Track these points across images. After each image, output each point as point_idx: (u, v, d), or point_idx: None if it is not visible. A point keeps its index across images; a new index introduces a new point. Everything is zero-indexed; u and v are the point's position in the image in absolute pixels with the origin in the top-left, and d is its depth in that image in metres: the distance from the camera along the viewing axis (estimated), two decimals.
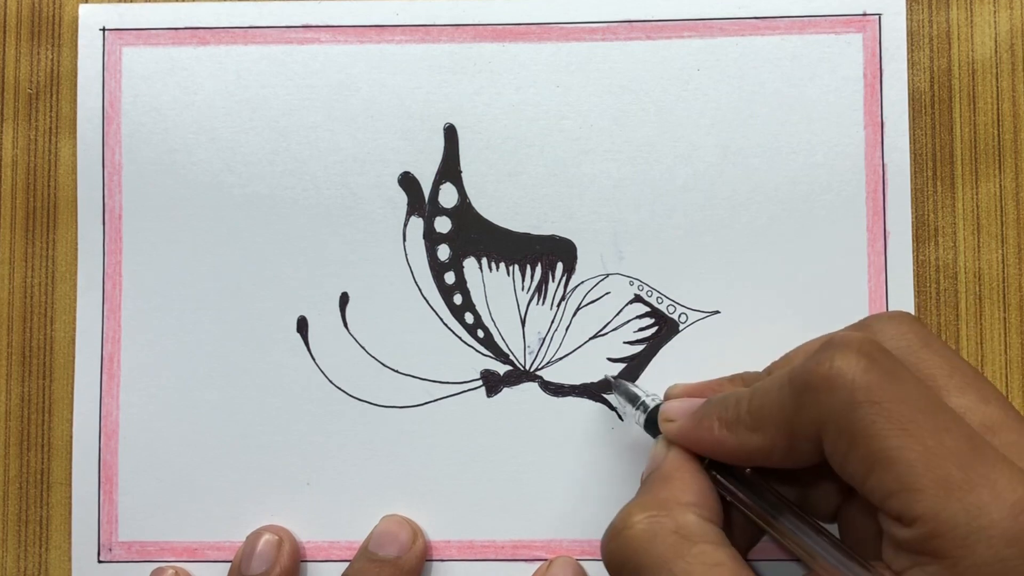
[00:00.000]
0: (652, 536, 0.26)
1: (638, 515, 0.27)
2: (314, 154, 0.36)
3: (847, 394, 0.24)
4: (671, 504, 0.27)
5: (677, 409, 0.30)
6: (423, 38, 0.36)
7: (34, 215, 0.37)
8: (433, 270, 0.36)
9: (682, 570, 0.25)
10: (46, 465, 0.36)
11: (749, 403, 0.27)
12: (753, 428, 0.27)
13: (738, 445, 0.27)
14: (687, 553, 0.25)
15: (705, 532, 0.26)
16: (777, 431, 0.26)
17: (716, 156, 0.35)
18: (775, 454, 0.26)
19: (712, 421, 0.28)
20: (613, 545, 0.27)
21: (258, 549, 0.34)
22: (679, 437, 0.29)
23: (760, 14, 0.36)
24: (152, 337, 0.36)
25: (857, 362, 0.24)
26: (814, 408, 0.24)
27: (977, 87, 0.35)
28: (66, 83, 0.37)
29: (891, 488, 0.23)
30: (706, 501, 0.27)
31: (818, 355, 0.25)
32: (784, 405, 0.26)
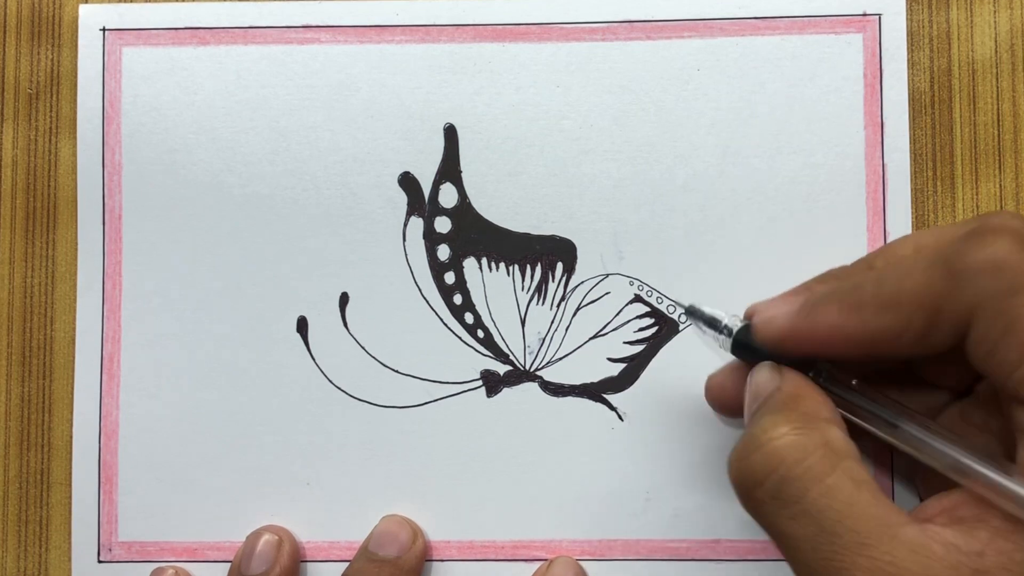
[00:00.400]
0: (802, 448, 0.25)
1: (784, 427, 0.25)
2: (314, 154, 0.36)
3: (1010, 278, 0.23)
4: (815, 418, 0.26)
5: (775, 304, 0.28)
6: (423, 38, 0.36)
7: (34, 215, 0.37)
8: (433, 270, 0.36)
9: (834, 483, 0.24)
10: (46, 465, 0.36)
11: (878, 284, 0.26)
12: (884, 307, 0.25)
13: (862, 327, 0.26)
14: (838, 467, 0.24)
15: (850, 449, 0.25)
16: (917, 311, 0.25)
17: (716, 156, 0.35)
18: (905, 337, 0.25)
19: (830, 305, 0.26)
20: (755, 459, 0.25)
21: (258, 549, 0.34)
22: (791, 331, 0.27)
23: (760, 14, 0.36)
24: (152, 337, 0.36)
25: (1020, 246, 0.23)
26: (970, 291, 0.24)
27: (977, 87, 0.35)
28: (66, 83, 0.37)
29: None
30: (840, 420, 0.27)
31: (975, 238, 0.24)
32: (932, 285, 0.24)
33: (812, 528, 0.24)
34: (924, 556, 0.23)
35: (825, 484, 0.24)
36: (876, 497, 0.24)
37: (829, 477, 0.24)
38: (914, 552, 0.23)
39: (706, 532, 0.35)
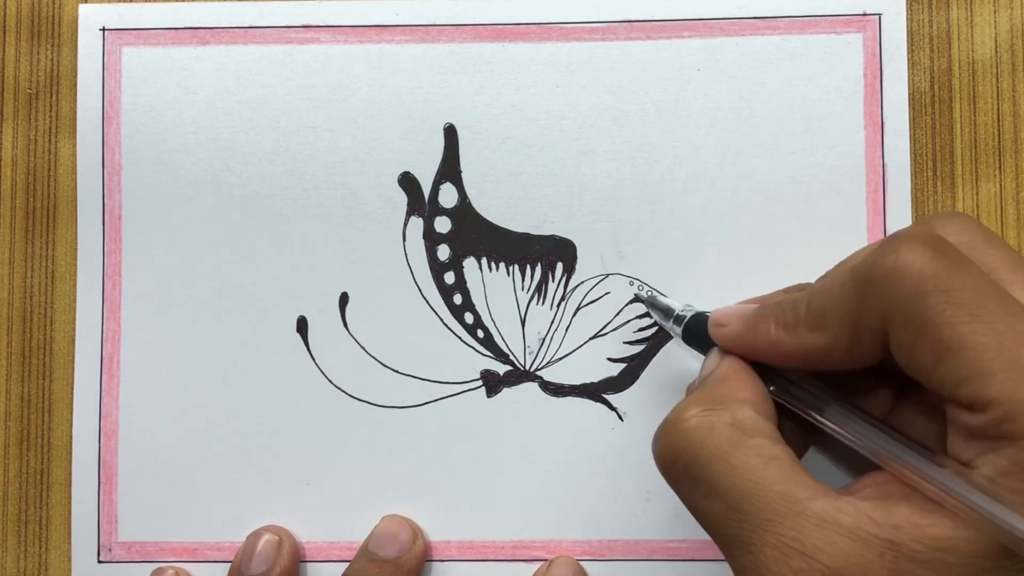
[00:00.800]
0: (709, 428, 0.26)
1: (694, 408, 0.27)
2: (314, 154, 0.36)
3: (914, 283, 0.24)
4: (727, 399, 0.27)
5: (729, 314, 0.29)
6: (423, 38, 0.36)
7: (34, 215, 0.37)
8: (433, 270, 0.36)
9: (739, 461, 0.25)
10: (46, 465, 0.36)
11: (809, 303, 0.27)
12: (814, 327, 0.26)
13: (796, 345, 0.27)
14: (744, 445, 0.25)
15: (761, 427, 0.26)
16: (840, 327, 0.26)
17: (716, 156, 0.35)
18: (836, 352, 0.26)
19: (768, 323, 0.28)
20: (668, 439, 0.27)
21: (258, 549, 0.34)
22: (733, 342, 0.29)
23: (760, 14, 0.36)
24: (152, 337, 0.36)
25: (923, 252, 0.24)
26: (880, 300, 0.24)
27: (977, 87, 0.35)
28: (66, 83, 0.37)
29: (962, 374, 0.23)
30: (762, 402, 0.27)
31: (882, 248, 0.25)
32: (848, 300, 0.25)
33: (721, 505, 0.25)
34: (830, 530, 0.23)
35: (729, 463, 0.25)
36: (785, 473, 0.25)
37: (734, 455, 0.25)
38: (819, 526, 0.23)
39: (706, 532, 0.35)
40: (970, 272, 0.24)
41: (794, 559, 0.23)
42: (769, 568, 0.23)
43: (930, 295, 0.23)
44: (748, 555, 0.24)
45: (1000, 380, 0.22)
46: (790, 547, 0.23)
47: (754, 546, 0.24)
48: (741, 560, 0.24)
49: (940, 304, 0.23)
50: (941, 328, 0.23)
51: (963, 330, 0.23)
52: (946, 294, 0.23)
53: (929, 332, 0.23)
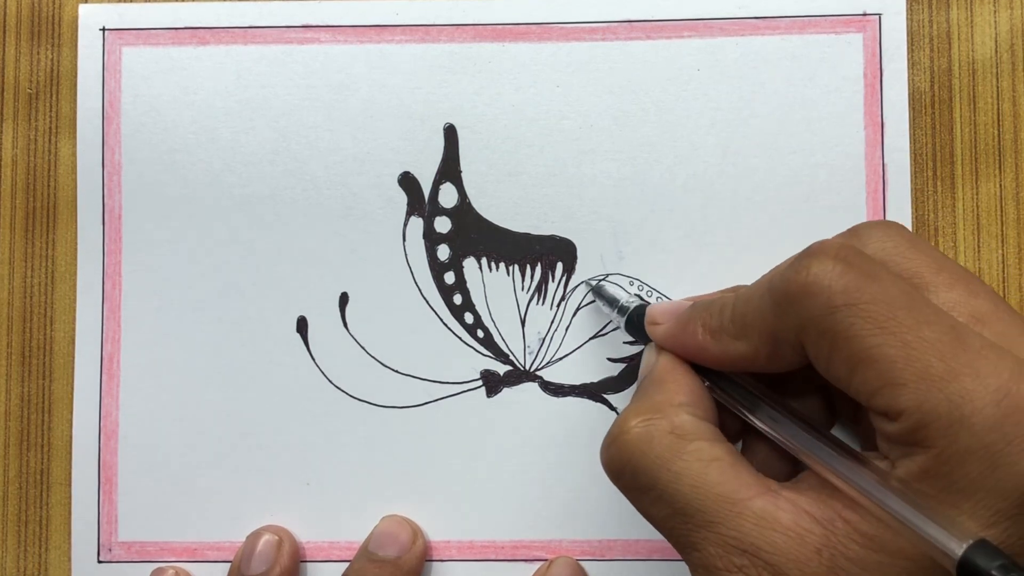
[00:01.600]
0: (648, 438, 0.27)
1: (633, 420, 0.27)
2: (314, 154, 0.36)
3: (824, 299, 0.24)
4: (664, 406, 0.27)
5: (664, 312, 0.30)
6: (423, 38, 0.36)
7: (34, 215, 0.37)
8: (433, 270, 0.36)
9: (680, 468, 0.26)
10: (46, 465, 0.36)
11: (732, 311, 0.27)
12: (736, 336, 0.27)
13: (722, 352, 0.28)
14: (684, 451, 0.26)
15: (700, 430, 0.27)
16: (760, 338, 0.26)
17: (716, 156, 0.35)
18: (759, 360, 0.27)
19: (696, 326, 0.28)
20: (612, 451, 0.27)
21: (258, 549, 0.34)
22: (665, 341, 0.30)
23: (760, 14, 0.36)
24: (152, 337, 0.36)
25: (833, 267, 0.24)
26: (794, 315, 0.25)
27: (977, 87, 0.35)
28: (66, 83, 0.37)
29: (874, 386, 0.23)
30: (699, 401, 0.28)
31: (795, 263, 0.25)
32: (764, 313, 0.26)
33: (667, 510, 0.26)
34: (768, 527, 0.24)
35: (671, 470, 0.26)
36: (726, 475, 0.25)
37: (675, 463, 0.26)
38: (758, 524, 0.24)
39: None
40: (881, 283, 0.24)
41: (736, 556, 0.24)
42: (715, 565, 0.25)
43: (839, 310, 0.24)
44: (696, 553, 0.25)
45: (910, 390, 0.23)
46: (732, 546, 0.24)
47: (700, 545, 0.25)
48: (691, 558, 0.26)
49: (849, 318, 0.24)
50: (851, 342, 0.24)
51: (872, 343, 0.23)
52: (855, 308, 0.24)
53: (841, 346, 0.24)
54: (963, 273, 0.27)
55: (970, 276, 0.27)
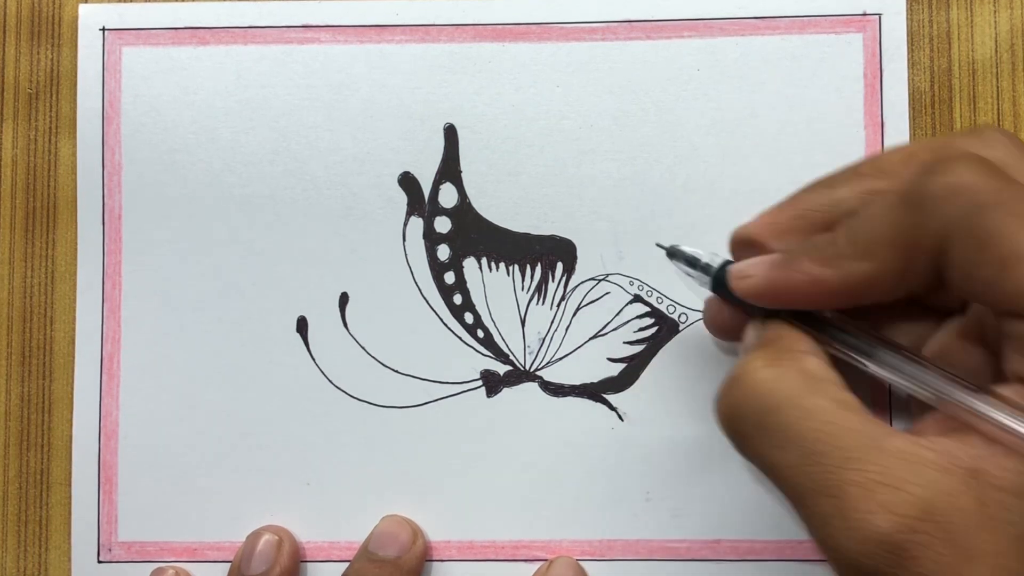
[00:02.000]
0: (777, 377, 0.25)
1: (759, 360, 0.26)
2: (314, 154, 0.36)
3: (972, 198, 0.23)
4: (790, 351, 0.26)
5: (753, 264, 0.28)
6: (423, 38, 0.36)
7: (34, 215, 0.37)
8: (433, 270, 0.36)
9: (813, 404, 0.24)
10: (46, 465, 0.36)
11: (850, 233, 0.26)
12: (861, 256, 0.25)
13: (842, 279, 0.26)
14: (816, 389, 0.25)
15: (829, 375, 0.26)
16: (892, 253, 0.25)
17: (716, 156, 0.35)
18: (885, 281, 0.26)
19: (804, 262, 0.27)
20: (737, 392, 0.26)
21: (258, 549, 0.34)
22: (767, 288, 0.27)
23: (760, 14, 0.36)
24: (152, 337, 0.36)
25: (978, 167, 0.24)
26: (937, 218, 0.24)
27: (977, 87, 0.35)
28: (66, 83, 0.37)
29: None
30: (822, 354, 0.27)
31: (933, 167, 0.24)
32: (900, 223, 0.25)
33: (796, 453, 0.24)
34: (914, 462, 0.23)
35: (803, 407, 0.24)
36: (860, 415, 0.24)
37: (807, 400, 0.25)
38: (904, 460, 0.23)
39: (706, 532, 0.35)
40: (1019, 186, 0.24)
41: (881, 493, 0.22)
42: (856, 507, 0.23)
43: (989, 209, 0.23)
44: (829, 499, 0.23)
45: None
46: (876, 482, 0.23)
47: (836, 488, 0.23)
48: (821, 507, 0.23)
49: (1000, 216, 0.23)
50: (1003, 240, 0.23)
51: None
52: (1005, 207, 0.23)
53: (992, 245, 0.23)
54: None
55: None
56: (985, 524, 0.22)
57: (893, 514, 0.22)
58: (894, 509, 0.22)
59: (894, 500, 0.22)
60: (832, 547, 0.23)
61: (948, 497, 0.22)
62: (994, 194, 0.23)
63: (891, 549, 0.22)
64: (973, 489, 0.22)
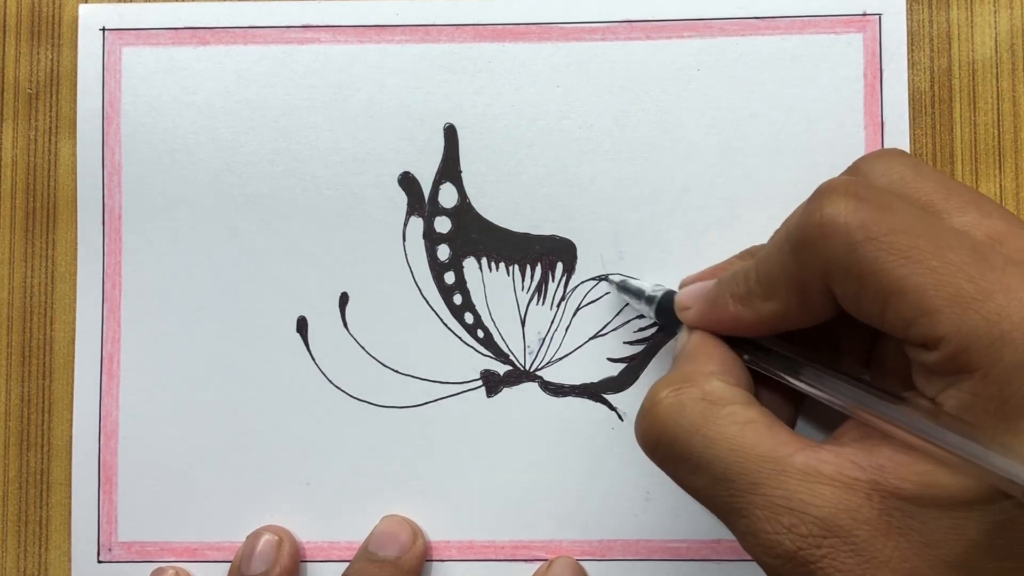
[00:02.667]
0: (680, 407, 0.26)
1: (663, 391, 0.27)
2: (314, 154, 0.36)
3: (843, 237, 0.24)
4: (694, 375, 0.27)
5: (690, 295, 0.30)
6: (423, 38, 0.36)
7: (34, 215, 0.37)
8: (433, 270, 0.36)
9: (715, 432, 0.25)
10: (46, 465, 0.36)
11: (756, 273, 0.27)
12: (765, 296, 0.27)
13: (755, 316, 0.27)
14: (717, 416, 0.26)
15: (732, 395, 0.26)
16: (788, 292, 0.26)
17: (716, 156, 0.35)
18: (792, 315, 0.26)
19: (726, 299, 0.28)
20: (644, 424, 0.27)
21: (258, 549, 0.34)
22: (698, 322, 0.29)
23: (760, 14, 0.36)
24: (152, 337, 0.36)
25: (846, 204, 0.24)
26: (816, 260, 0.25)
27: (977, 87, 0.35)
28: (66, 83, 0.37)
29: (909, 317, 0.23)
30: (731, 369, 0.28)
31: (808, 207, 0.25)
32: (787, 265, 0.26)
33: (707, 478, 0.25)
34: (814, 481, 0.24)
35: (706, 436, 0.25)
36: (762, 435, 0.25)
37: (709, 428, 0.25)
38: (803, 480, 0.24)
39: (706, 532, 0.35)
40: (897, 213, 0.24)
41: (784, 516, 0.24)
42: (763, 528, 0.24)
43: (860, 246, 0.23)
44: (742, 519, 0.24)
45: (946, 315, 0.22)
46: (778, 505, 0.24)
47: (745, 510, 0.24)
48: (736, 525, 0.25)
49: (872, 253, 0.23)
50: (878, 276, 0.23)
51: (900, 274, 0.23)
52: (875, 241, 0.23)
53: (868, 282, 0.23)
54: (973, 194, 0.26)
55: (980, 196, 0.26)
56: (889, 533, 0.23)
57: (797, 534, 0.23)
58: (797, 530, 0.23)
59: (796, 522, 0.23)
60: (753, 556, 0.25)
61: (849, 512, 0.23)
62: (865, 229, 0.24)
63: (799, 563, 0.23)
64: (875, 501, 0.23)
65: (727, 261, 0.32)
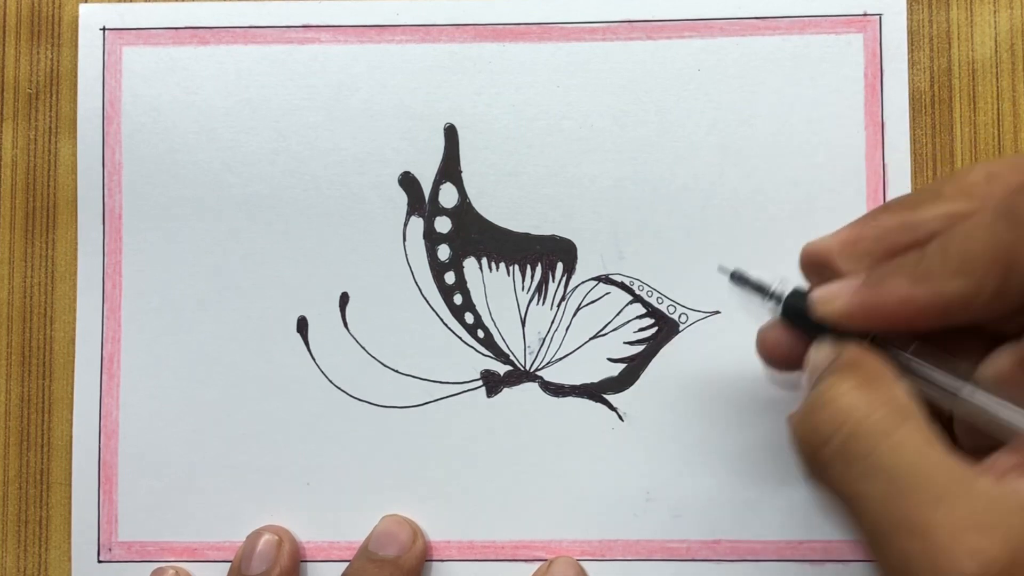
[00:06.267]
0: (867, 402, 0.24)
1: (846, 384, 0.25)
2: (314, 154, 0.36)
3: None
4: (880, 377, 0.25)
5: (838, 287, 0.27)
6: (423, 38, 0.36)
7: (34, 215, 0.37)
8: (433, 270, 0.36)
9: (904, 437, 0.23)
10: (46, 465, 0.36)
11: (946, 248, 0.25)
12: (956, 273, 0.24)
13: (934, 297, 0.25)
14: (905, 422, 0.24)
15: (916, 408, 0.24)
16: (990, 269, 0.24)
17: (716, 156, 0.35)
18: (980, 299, 0.24)
19: (897, 279, 0.25)
20: (819, 416, 0.25)
21: (258, 549, 0.34)
22: (854, 310, 0.26)
23: (760, 14, 0.36)
24: (152, 337, 0.36)
25: None
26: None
27: (977, 87, 0.35)
28: (66, 83, 0.37)
29: None
30: (904, 385, 0.25)
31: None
32: (998, 240, 0.24)
33: (883, 485, 0.23)
34: (1003, 507, 0.22)
35: (894, 439, 0.23)
36: (946, 454, 0.23)
37: (898, 432, 0.23)
38: (992, 504, 0.22)
39: (706, 532, 0.35)
40: None
41: (970, 538, 0.22)
42: (943, 549, 0.22)
43: None
44: (915, 539, 0.22)
45: None
46: (965, 526, 0.22)
47: (923, 527, 0.22)
48: (905, 545, 0.22)
49: None
50: None
51: None
52: None
53: None
54: None
55: None
56: None
57: (982, 560, 0.21)
58: (983, 555, 0.21)
59: (983, 546, 0.22)
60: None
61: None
62: None
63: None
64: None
65: (868, 217, 0.28)
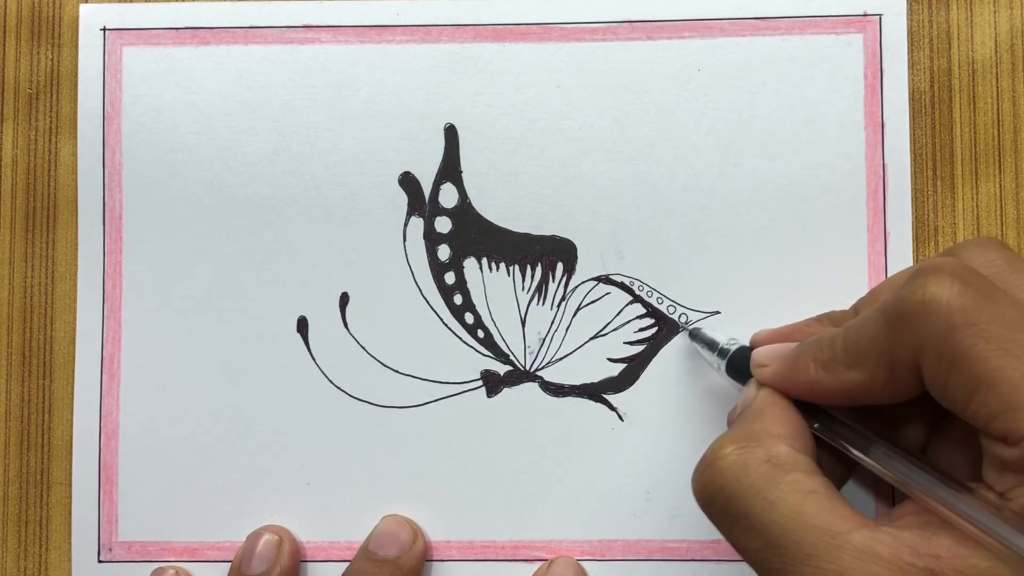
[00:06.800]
0: (744, 466, 0.26)
1: (729, 447, 0.27)
2: (314, 154, 0.36)
3: (944, 318, 0.24)
4: (762, 435, 0.27)
5: (770, 354, 0.30)
6: (423, 38, 0.36)
7: (34, 215, 0.37)
8: (433, 270, 0.36)
9: (776, 497, 0.25)
10: (46, 465, 0.36)
11: (844, 341, 0.27)
12: (851, 365, 0.26)
13: (836, 383, 0.27)
14: (780, 481, 0.25)
15: (797, 461, 0.26)
16: (876, 365, 0.26)
17: (716, 156, 0.35)
18: (874, 389, 0.26)
19: (807, 362, 0.28)
20: (705, 477, 0.27)
21: (258, 549, 0.34)
22: (774, 380, 0.29)
23: (760, 14, 0.36)
24: (152, 337, 0.36)
25: (951, 286, 0.24)
26: (911, 336, 0.24)
27: (977, 87, 0.35)
28: (66, 83, 0.37)
29: (995, 409, 0.23)
30: (798, 434, 0.27)
31: (910, 283, 0.25)
32: (880, 338, 0.25)
33: (760, 541, 0.25)
34: (869, 561, 0.23)
35: (767, 499, 0.25)
36: (823, 506, 0.25)
37: (770, 491, 0.25)
38: (859, 559, 0.23)
39: (706, 532, 0.35)
40: (999, 303, 0.24)
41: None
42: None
43: (959, 329, 0.23)
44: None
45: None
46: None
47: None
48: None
49: (970, 338, 0.23)
50: (972, 363, 0.23)
51: (994, 364, 0.23)
52: (976, 328, 0.23)
53: (961, 367, 0.23)
54: None
55: None
56: None
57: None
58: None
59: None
60: None
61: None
62: (967, 313, 0.23)
63: None
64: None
65: (803, 323, 0.31)
